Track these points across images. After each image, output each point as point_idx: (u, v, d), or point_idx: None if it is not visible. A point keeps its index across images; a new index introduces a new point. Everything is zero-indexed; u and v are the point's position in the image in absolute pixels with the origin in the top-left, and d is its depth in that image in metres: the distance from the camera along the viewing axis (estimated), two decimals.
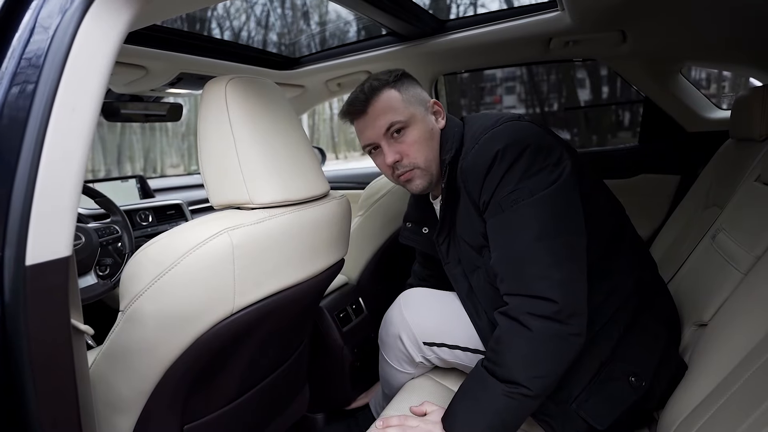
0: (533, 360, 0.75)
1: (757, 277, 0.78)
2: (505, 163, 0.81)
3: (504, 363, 0.77)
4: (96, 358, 0.70)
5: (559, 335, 0.74)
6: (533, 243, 0.77)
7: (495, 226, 0.83)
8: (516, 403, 0.75)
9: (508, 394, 0.75)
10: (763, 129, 1.15)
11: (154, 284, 0.62)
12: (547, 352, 0.75)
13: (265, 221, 0.69)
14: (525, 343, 0.75)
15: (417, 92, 0.99)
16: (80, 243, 1.22)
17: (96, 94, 0.51)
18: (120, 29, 0.54)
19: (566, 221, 0.79)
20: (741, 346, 0.67)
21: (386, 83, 0.97)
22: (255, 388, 0.92)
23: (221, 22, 4.84)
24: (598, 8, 1.20)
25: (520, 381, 0.74)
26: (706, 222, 1.22)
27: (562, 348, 0.75)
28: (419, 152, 0.96)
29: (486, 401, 0.77)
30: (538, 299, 0.75)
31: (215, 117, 0.70)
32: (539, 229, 0.78)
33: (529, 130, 0.85)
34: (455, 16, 1.78)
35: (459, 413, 0.81)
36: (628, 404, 0.79)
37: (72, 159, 0.49)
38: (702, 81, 3.56)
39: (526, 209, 0.79)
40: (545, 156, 0.81)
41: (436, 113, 1.01)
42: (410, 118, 0.95)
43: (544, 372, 0.75)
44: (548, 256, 0.76)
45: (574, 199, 0.81)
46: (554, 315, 0.73)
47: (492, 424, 0.76)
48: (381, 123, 0.95)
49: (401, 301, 1.07)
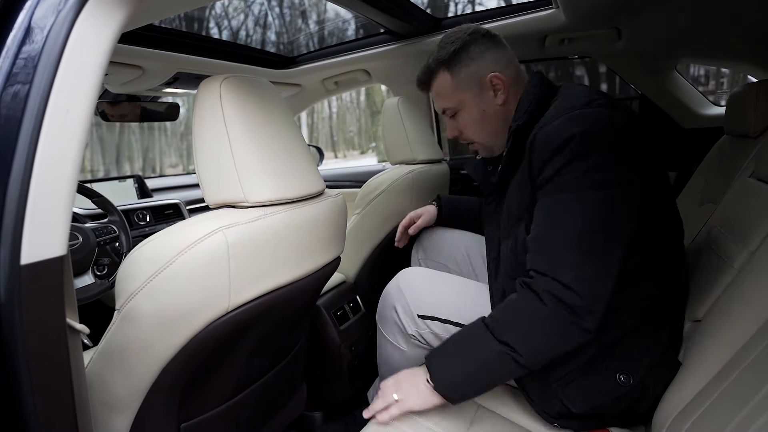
0: (538, 333, 0.77)
1: (749, 273, 0.79)
2: (580, 147, 0.76)
3: (508, 325, 0.79)
4: (92, 358, 0.70)
5: (570, 323, 0.74)
6: (578, 233, 0.76)
7: (548, 205, 0.81)
8: (502, 364, 0.78)
9: (499, 353, 0.77)
10: (757, 125, 1.16)
11: (149, 283, 0.62)
12: (553, 333, 0.76)
13: (260, 220, 0.70)
14: (536, 316, 0.76)
15: (472, 70, 0.98)
16: (77, 243, 1.22)
17: (90, 94, 0.51)
18: (114, 29, 0.54)
19: (617, 228, 0.77)
20: (733, 342, 0.68)
21: (441, 63, 1.00)
22: (252, 386, 0.92)
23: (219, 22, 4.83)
24: (592, 5, 1.21)
25: (516, 346, 0.76)
26: (701, 218, 1.22)
27: (568, 335, 0.76)
28: (474, 132, 1.04)
29: (473, 350, 0.81)
30: (563, 286, 0.74)
31: (210, 116, 0.70)
32: (590, 223, 0.76)
33: (616, 125, 0.79)
34: (453, 14, 1.78)
35: (443, 353, 0.85)
36: (610, 397, 0.80)
37: (66, 159, 0.49)
38: (701, 77, 3.57)
39: (584, 200, 0.77)
40: (622, 155, 0.78)
41: (495, 87, 0.98)
42: (459, 103, 1.01)
43: (542, 348, 0.77)
44: (585, 250, 0.75)
45: (631, 210, 0.78)
46: (573, 306, 0.74)
47: (468, 371, 0.80)
48: (437, 106, 1.07)
49: (400, 277, 1.12)
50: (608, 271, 0.76)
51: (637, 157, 0.79)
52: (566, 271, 0.75)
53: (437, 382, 0.82)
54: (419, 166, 1.53)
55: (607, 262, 0.76)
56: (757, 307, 0.69)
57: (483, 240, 1.14)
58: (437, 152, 1.65)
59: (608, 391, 0.80)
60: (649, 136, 1.85)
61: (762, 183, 0.93)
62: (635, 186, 0.78)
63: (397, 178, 1.45)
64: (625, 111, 0.83)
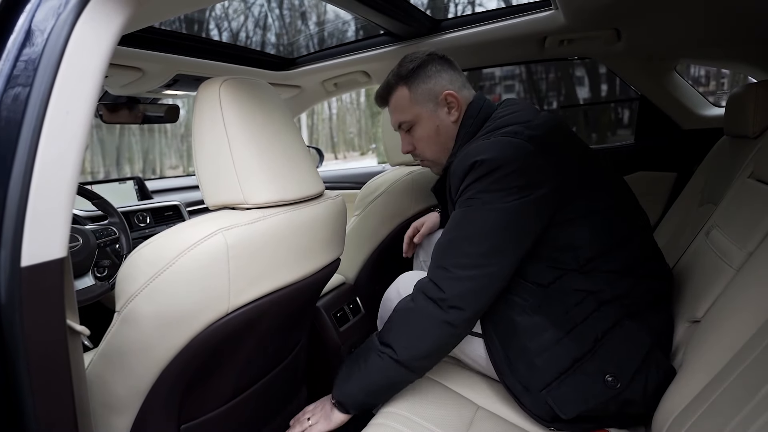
0: (408, 330, 0.86)
1: (748, 274, 0.79)
2: (477, 174, 0.86)
3: (387, 329, 0.89)
4: (92, 359, 0.71)
5: (434, 317, 0.83)
6: (459, 240, 0.86)
7: (449, 220, 0.91)
8: (383, 363, 0.86)
9: (378, 353, 0.87)
10: (757, 126, 1.16)
11: (149, 285, 0.63)
12: (419, 328, 0.85)
13: (259, 221, 0.70)
14: (406, 315, 0.87)
15: (428, 86, 1.05)
16: (78, 245, 1.22)
17: (90, 96, 0.51)
18: (114, 31, 0.54)
19: (500, 240, 0.84)
20: (733, 343, 0.68)
21: (400, 79, 1.06)
22: (252, 388, 0.92)
23: (219, 23, 4.85)
24: (591, 7, 1.21)
25: (391, 344, 0.86)
26: (701, 219, 1.23)
27: (434, 329, 0.84)
28: (426, 148, 1.11)
29: (363, 358, 0.90)
30: (432, 284, 0.85)
31: (209, 118, 0.71)
32: (471, 233, 0.85)
33: (515, 151, 0.86)
34: (453, 15, 1.78)
35: (342, 371, 0.94)
36: (599, 401, 0.81)
37: (66, 161, 0.49)
38: (701, 78, 3.57)
39: (472, 213, 0.86)
40: (515, 178, 0.84)
41: (449, 105, 1.06)
42: (415, 117, 1.07)
43: (413, 343, 0.85)
44: (464, 257, 0.84)
45: (523, 225, 0.85)
46: (437, 300, 0.83)
47: (361, 380, 0.89)
48: (393, 119, 1.13)
49: (399, 281, 1.15)
50: (484, 276, 0.84)
51: (531, 179, 0.85)
52: (440, 272, 0.86)
53: (335, 396, 0.91)
54: (419, 168, 1.54)
55: (484, 267, 0.84)
56: (756, 308, 0.69)
57: None
58: None
59: (596, 395, 0.81)
60: (648, 137, 1.86)
61: (761, 183, 0.93)
62: (527, 205, 0.84)
63: (396, 180, 1.45)
64: (528, 137, 0.88)
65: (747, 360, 0.61)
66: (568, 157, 0.91)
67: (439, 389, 0.99)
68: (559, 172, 0.87)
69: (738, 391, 0.59)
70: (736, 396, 0.58)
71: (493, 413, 0.93)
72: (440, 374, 1.04)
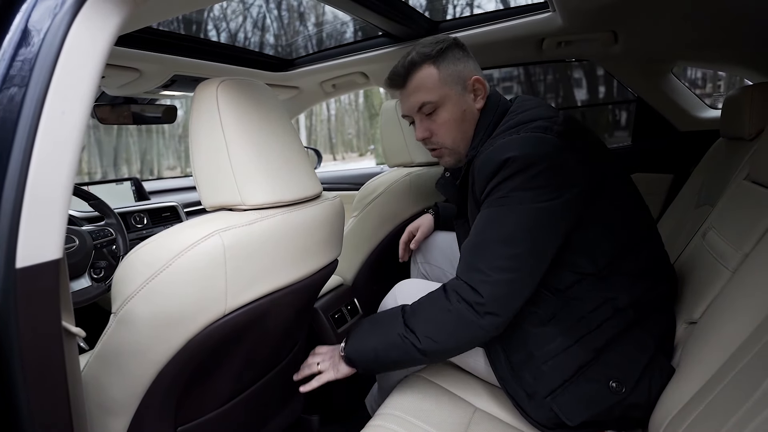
0: (437, 325, 0.84)
1: (744, 275, 0.79)
2: (508, 172, 0.82)
3: (416, 314, 0.87)
4: (88, 361, 0.70)
5: (469, 321, 0.81)
6: (494, 243, 0.82)
7: (477, 219, 0.87)
8: (402, 345, 0.85)
9: (401, 335, 0.85)
10: (752, 128, 1.16)
11: (145, 286, 0.62)
12: (451, 328, 0.83)
13: (256, 222, 0.70)
14: (440, 311, 0.84)
15: (458, 69, 0.99)
16: (74, 246, 1.22)
17: (86, 96, 0.51)
18: (110, 32, 0.54)
19: (535, 242, 0.82)
20: (729, 344, 0.68)
21: (427, 58, 0.98)
22: (249, 390, 0.92)
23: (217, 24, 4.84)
24: (589, 9, 1.21)
25: (416, 332, 0.84)
26: (697, 220, 1.23)
27: (465, 332, 0.82)
28: (447, 133, 1.01)
29: (384, 329, 0.89)
30: (468, 287, 0.82)
31: (206, 119, 0.70)
32: (507, 234, 0.82)
33: (547, 147, 0.83)
34: (451, 17, 1.78)
35: (361, 327, 0.93)
36: (604, 407, 0.80)
37: (62, 161, 0.49)
38: (698, 80, 3.58)
39: (506, 213, 0.82)
40: (549, 176, 0.81)
41: (476, 91, 1.00)
42: (442, 98, 0.98)
43: (439, 339, 0.83)
44: (500, 259, 0.81)
45: (555, 227, 0.82)
46: (473, 304, 0.80)
47: (375, 347, 0.88)
48: (414, 100, 1.00)
49: (396, 290, 1.11)
50: (520, 281, 0.81)
51: (563, 177, 0.82)
52: (476, 275, 0.82)
53: (347, 348, 0.91)
54: (417, 169, 1.54)
55: (518, 270, 0.81)
56: (751, 309, 0.69)
57: None
58: None
59: (602, 401, 0.80)
60: (645, 139, 1.87)
61: (757, 186, 0.94)
62: (560, 203, 0.81)
63: (394, 181, 1.45)
64: (558, 133, 0.85)
65: (743, 361, 0.61)
66: (593, 156, 0.88)
67: (436, 391, 0.99)
68: (588, 171, 0.84)
69: (734, 392, 0.59)
70: (733, 397, 0.58)
71: (491, 415, 0.93)
72: (438, 376, 1.04)
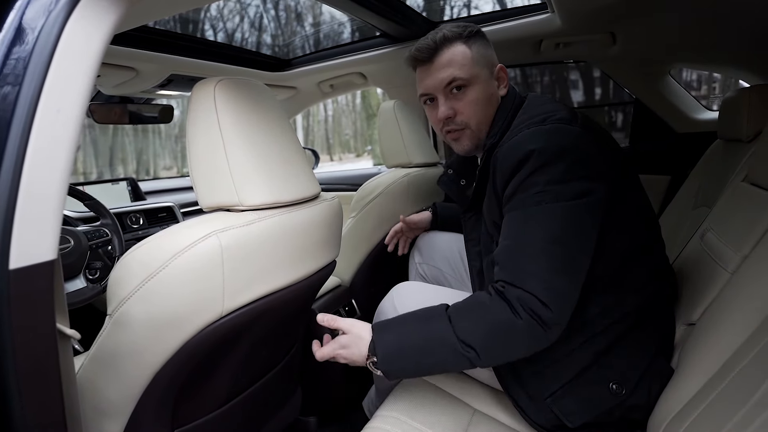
0: (504, 341, 0.75)
1: (743, 277, 0.79)
2: (537, 164, 0.78)
3: (472, 323, 0.76)
4: (83, 363, 0.70)
5: (539, 336, 0.74)
6: (543, 244, 0.76)
7: (512, 219, 0.81)
8: (456, 360, 0.75)
9: (454, 351, 0.75)
10: (750, 130, 1.17)
11: (141, 287, 0.62)
12: (517, 343, 0.75)
13: (254, 223, 0.69)
14: (507, 326, 0.74)
15: (487, 53, 0.98)
16: (69, 246, 1.21)
17: (81, 95, 0.51)
18: (106, 30, 0.53)
19: (580, 238, 0.77)
20: (727, 346, 0.68)
21: (459, 36, 0.96)
22: (247, 391, 0.91)
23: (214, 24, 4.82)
24: (587, 10, 1.21)
25: (476, 347, 0.74)
26: (695, 222, 1.23)
27: (530, 346, 0.76)
28: (474, 113, 0.96)
29: (429, 333, 0.77)
30: (533, 297, 0.73)
31: (204, 119, 0.70)
32: (553, 234, 0.76)
33: (573, 138, 0.80)
34: (449, 17, 1.78)
35: (395, 325, 0.81)
36: (604, 408, 0.80)
37: (57, 161, 0.48)
38: (693, 82, 3.59)
39: (547, 211, 0.77)
40: (581, 168, 0.78)
41: (500, 79, 1.00)
42: (473, 77, 0.95)
43: (504, 356, 0.77)
44: (552, 260, 0.75)
45: (594, 221, 0.78)
46: (544, 318, 0.72)
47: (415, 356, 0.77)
48: (443, 75, 0.95)
49: (394, 294, 1.09)
50: (575, 280, 0.76)
51: (596, 169, 0.79)
52: (535, 282, 0.74)
53: (379, 349, 0.78)
54: (415, 170, 1.53)
55: (574, 273, 0.76)
56: (750, 311, 0.69)
57: None
58: (433, 155, 1.65)
59: (602, 403, 0.80)
60: (641, 143, 1.87)
61: (755, 187, 0.94)
62: (597, 196, 0.78)
63: (393, 182, 1.45)
64: (582, 124, 0.83)
65: (742, 362, 0.61)
66: (613, 151, 0.87)
67: (435, 392, 0.98)
68: (612, 168, 0.82)
69: (733, 394, 0.59)
70: (732, 399, 0.58)
71: (490, 417, 0.93)
72: (436, 377, 1.04)
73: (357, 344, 0.81)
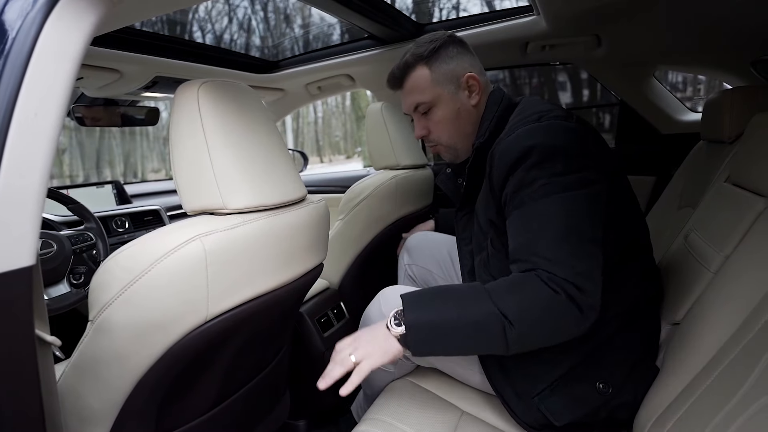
0: (544, 317, 0.71)
1: (725, 277, 0.80)
2: (537, 159, 0.77)
3: (511, 297, 0.72)
4: (65, 370, 0.68)
5: (576, 319, 0.71)
6: (561, 233, 0.74)
7: (522, 215, 0.79)
8: (490, 332, 0.71)
9: (490, 316, 0.70)
10: (732, 131, 1.19)
11: (123, 293, 0.61)
12: (557, 318, 0.71)
13: (239, 227, 0.68)
14: (548, 300, 0.70)
15: (450, 68, 1.00)
16: (51, 251, 1.19)
17: (60, 98, 0.50)
18: (85, 32, 0.52)
19: (594, 225, 0.76)
20: (710, 345, 0.69)
21: (420, 59, 1.00)
22: (234, 396, 0.91)
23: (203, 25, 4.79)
24: (571, 13, 1.22)
25: (514, 321, 0.70)
26: (680, 222, 1.24)
27: (568, 325, 0.72)
28: (443, 131, 1.04)
29: (466, 307, 0.73)
30: (564, 280, 0.71)
31: (187, 121, 0.69)
32: (568, 222, 0.74)
33: (571, 133, 0.80)
34: (437, 20, 1.79)
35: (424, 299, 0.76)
36: (591, 407, 0.80)
37: (35, 164, 0.47)
38: (678, 84, 3.65)
39: (558, 201, 0.75)
40: (582, 160, 0.78)
41: (470, 88, 1.01)
42: (435, 98, 1.01)
43: (543, 333, 0.73)
44: (573, 247, 0.73)
45: (601, 210, 0.78)
46: (579, 300, 0.70)
47: (450, 324, 0.72)
48: (409, 101, 1.05)
49: (380, 298, 1.08)
50: (597, 265, 0.75)
51: (596, 162, 0.80)
52: (562, 268, 0.72)
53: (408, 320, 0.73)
54: (403, 172, 1.53)
55: (595, 258, 0.75)
56: (733, 311, 0.70)
57: None
58: (421, 157, 1.66)
59: (588, 402, 0.81)
60: (626, 144, 1.89)
61: (736, 188, 0.95)
62: (601, 188, 0.78)
63: (380, 184, 1.45)
64: (577, 122, 0.85)
65: (725, 361, 0.62)
66: (610, 151, 0.87)
67: (423, 394, 0.98)
68: (609, 164, 0.83)
69: (717, 392, 0.59)
70: (716, 397, 0.59)
71: (478, 418, 0.93)
72: (424, 379, 1.04)
73: (372, 341, 0.77)
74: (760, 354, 0.55)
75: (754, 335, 0.60)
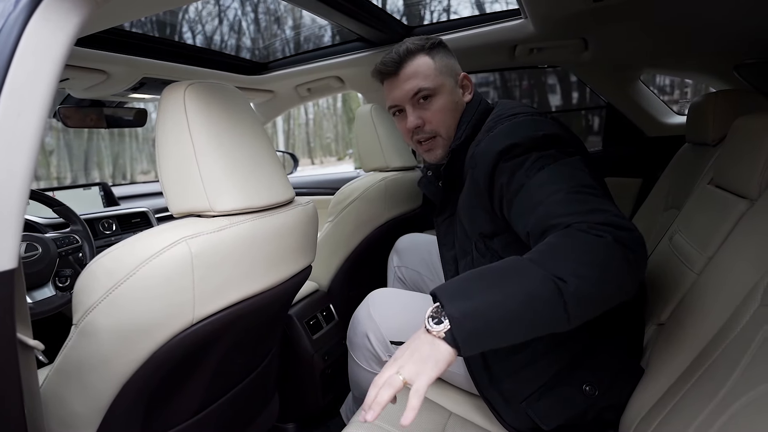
0: (599, 264, 0.60)
1: (708, 278, 0.81)
2: (521, 150, 0.77)
3: (557, 258, 0.61)
4: (48, 375, 0.67)
5: (628, 258, 0.61)
6: (576, 189, 0.70)
7: (525, 194, 0.74)
8: (544, 293, 0.58)
9: (544, 279, 0.59)
10: (716, 134, 1.21)
11: (108, 296, 0.60)
12: (606, 268, 0.61)
13: (225, 229, 0.68)
14: (596, 245, 0.61)
15: (450, 63, 1.02)
16: (36, 254, 1.17)
17: (43, 99, 0.49)
18: (70, 32, 0.52)
19: (600, 184, 0.77)
20: (694, 346, 0.70)
21: (422, 48, 1.00)
22: (221, 399, 0.90)
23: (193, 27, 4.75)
24: (558, 17, 1.24)
25: (568, 280, 0.59)
26: (665, 223, 1.26)
27: (621, 276, 0.62)
28: (442, 121, 1.00)
29: (504, 281, 0.61)
30: (606, 225, 0.63)
31: (174, 123, 0.69)
32: (575, 183, 0.71)
33: (550, 126, 0.83)
34: (428, 22, 1.79)
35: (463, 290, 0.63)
36: (578, 410, 0.81)
37: (16, 166, 0.47)
38: (666, 87, 3.69)
39: (554, 169, 0.73)
40: (565, 144, 0.79)
41: (464, 87, 1.04)
42: (439, 86, 0.99)
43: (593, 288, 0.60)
44: (595, 198, 0.69)
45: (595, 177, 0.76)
46: (626, 238, 0.62)
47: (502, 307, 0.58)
48: (409, 87, 0.99)
49: (369, 301, 1.09)
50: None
51: (576, 148, 0.81)
52: (596, 214, 0.65)
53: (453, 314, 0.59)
54: (392, 174, 1.54)
55: (615, 205, 0.70)
56: (715, 311, 0.71)
57: None
58: (411, 159, 1.66)
59: (576, 404, 0.81)
60: (613, 146, 1.91)
61: (719, 190, 0.97)
62: (587, 165, 0.78)
63: (370, 186, 1.45)
64: (552, 119, 0.87)
65: (708, 361, 0.63)
66: (587, 152, 0.88)
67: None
68: (587, 157, 0.83)
69: (701, 392, 0.60)
70: (699, 396, 0.60)
71: (466, 420, 0.93)
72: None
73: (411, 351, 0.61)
74: (742, 354, 0.56)
75: (736, 335, 0.61)
